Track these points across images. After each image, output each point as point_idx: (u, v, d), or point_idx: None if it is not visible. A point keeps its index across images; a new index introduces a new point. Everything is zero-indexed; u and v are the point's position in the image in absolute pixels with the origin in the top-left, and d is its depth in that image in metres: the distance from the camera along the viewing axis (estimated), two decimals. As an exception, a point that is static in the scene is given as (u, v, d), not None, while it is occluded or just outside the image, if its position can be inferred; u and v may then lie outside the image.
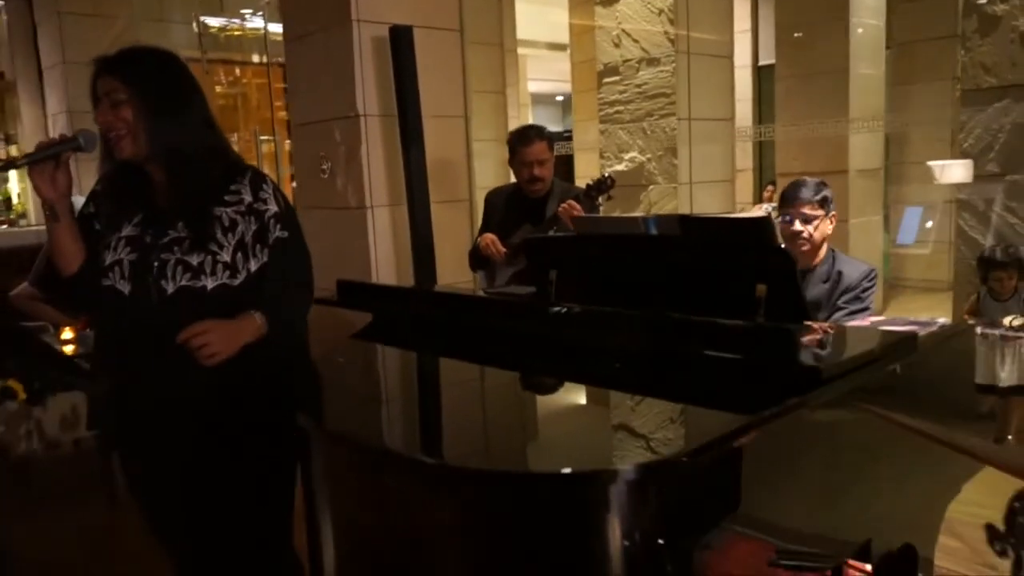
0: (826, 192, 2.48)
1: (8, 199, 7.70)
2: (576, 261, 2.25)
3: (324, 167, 3.82)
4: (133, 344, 1.74)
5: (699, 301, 1.83)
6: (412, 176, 3.54)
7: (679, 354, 1.49)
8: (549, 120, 16.91)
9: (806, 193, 2.46)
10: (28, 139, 7.67)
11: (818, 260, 2.57)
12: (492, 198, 3.46)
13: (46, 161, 1.66)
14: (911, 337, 1.50)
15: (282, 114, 6.86)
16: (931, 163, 5.50)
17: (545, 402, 1.67)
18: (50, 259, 1.75)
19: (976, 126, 3.90)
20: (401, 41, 3.46)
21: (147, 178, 1.79)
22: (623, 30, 5.28)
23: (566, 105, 15.73)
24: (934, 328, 1.76)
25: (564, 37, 11.45)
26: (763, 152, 9.44)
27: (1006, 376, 3.72)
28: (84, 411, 3.47)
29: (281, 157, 6.90)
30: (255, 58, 8.21)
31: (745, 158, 9.28)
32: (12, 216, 7.36)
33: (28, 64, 7.62)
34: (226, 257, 1.75)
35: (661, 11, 5.03)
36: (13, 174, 7.84)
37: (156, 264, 1.71)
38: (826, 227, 2.45)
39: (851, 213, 6.37)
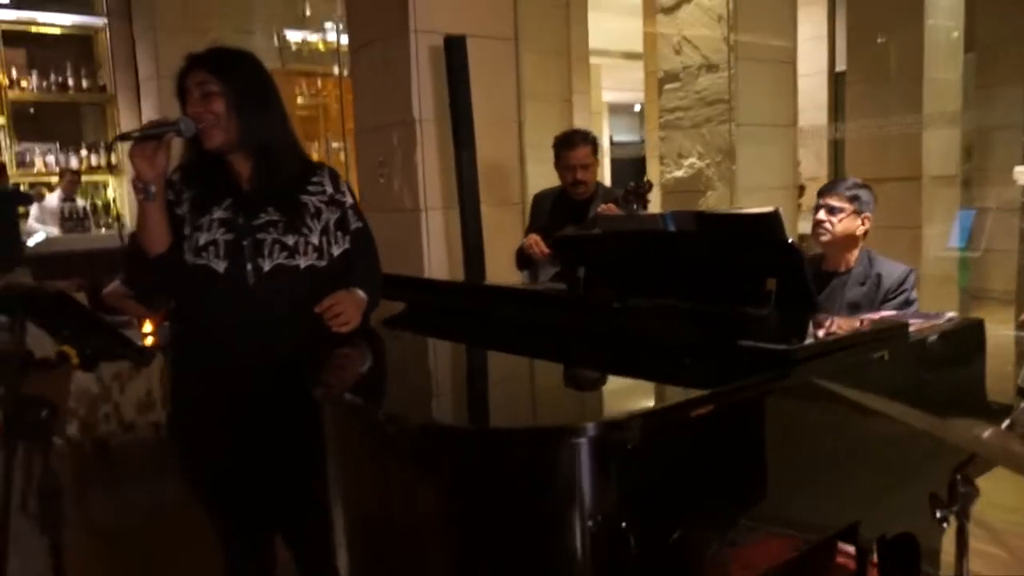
0: (861, 192, 2.50)
1: (108, 204, 8.24)
2: (602, 257, 2.35)
3: (382, 172, 4.01)
4: (225, 319, 1.89)
5: (714, 293, 1.91)
6: (464, 179, 3.69)
7: (662, 338, 1.57)
8: (626, 129, 16.86)
9: (839, 187, 2.50)
10: (125, 148, 8.21)
11: (853, 262, 2.58)
12: (539, 200, 3.58)
13: (150, 140, 1.81)
14: (901, 325, 1.53)
15: (351, 123, 7.14)
16: (1017, 168, 5.34)
17: (538, 378, 1.77)
18: (137, 246, 1.89)
19: (1040, 127, 3.78)
20: (455, 50, 3.62)
21: (228, 167, 1.96)
22: (684, 37, 5.32)
23: (643, 115, 15.71)
24: (941, 321, 1.78)
25: (639, 46, 11.48)
26: (838, 158, 9.24)
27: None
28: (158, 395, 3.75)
29: (350, 164, 7.17)
30: (335, 70, 8.58)
31: (820, 165, 9.10)
32: (110, 220, 7.88)
33: (127, 77, 8.18)
34: (315, 240, 1.94)
35: (721, 17, 5.04)
36: (111, 182, 8.41)
37: (252, 243, 1.88)
38: (852, 224, 2.46)
39: (924, 220, 6.20)
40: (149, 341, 4.02)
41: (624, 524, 1.12)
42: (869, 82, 6.42)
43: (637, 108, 16.45)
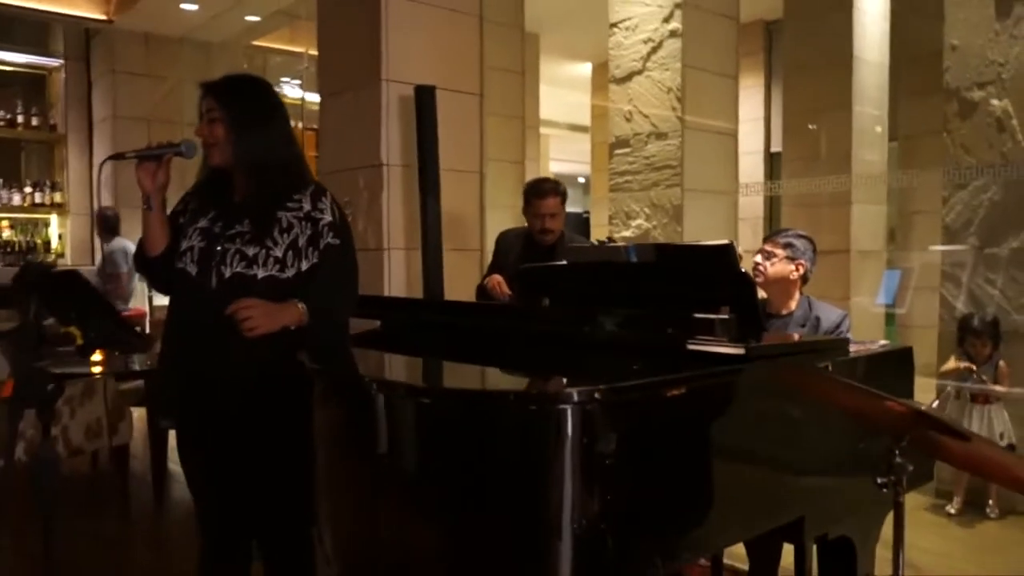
0: (796, 241, 2.72)
1: (48, 242, 8.10)
2: (565, 289, 2.51)
3: (348, 212, 4.13)
4: (193, 319, 2.03)
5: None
6: (428, 222, 3.83)
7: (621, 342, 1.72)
8: (571, 200, 17.34)
9: (778, 236, 2.72)
10: (74, 187, 8.14)
11: (794, 306, 2.79)
12: (503, 239, 3.72)
13: (151, 160, 1.99)
14: (843, 341, 1.72)
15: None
16: (933, 248, 5.74)
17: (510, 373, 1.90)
18: (141, 248, 2.09)
19: (957, 203, 4.15)
20: (424, 99, 3.81)
21: (230, 182, 2.11)
22: (634, 106, 5.65)
23: (587, 187, 16.17)
24: (875, 346, 1.97)
25: (586, 119, 11.97)
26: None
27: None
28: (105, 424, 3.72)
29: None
30: (292, 123, 8.73)
31: (756, 240, 9.54)
32: (52, 258, 7.76)
33: (80, 118, 8.16)
34: (278, 253, 2.04)
35: (670, 90, 5.40)
36: (54, 220, 8.29)
37: (219, 252, 2.01)
38: (785, 268, 2.67)
39: (852, 291, 6.59)
40: (97, 370, 4.00)
41: (598, 476, 1.25)
42: (802, 160, 6.89)
43: (582, 180, 16.99)
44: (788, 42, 7.77)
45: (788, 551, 2.66)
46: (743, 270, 2.01)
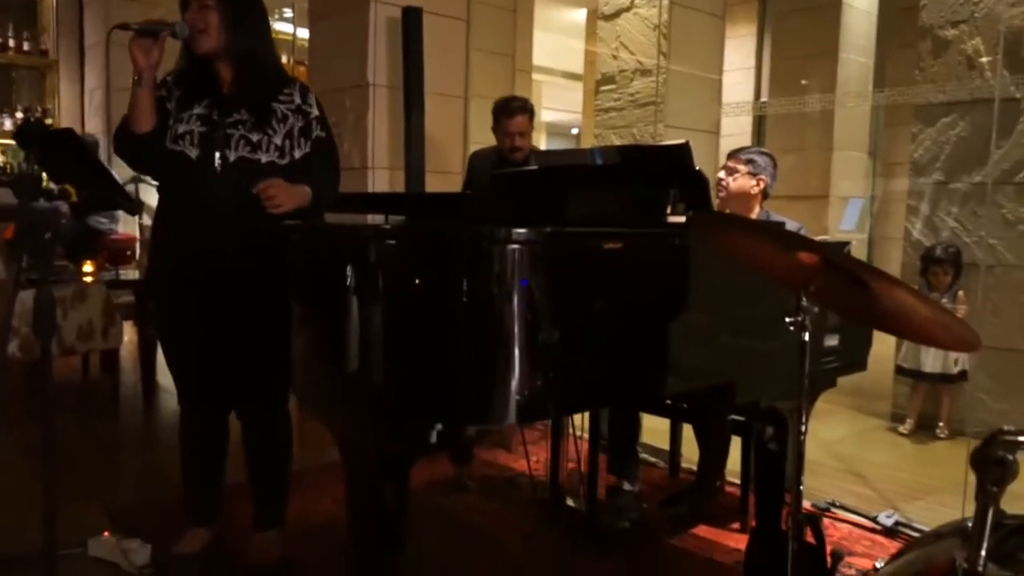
0: (757, 157, 2.85)
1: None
2: (536, 194, 2.64)
3: (335, 132, 4.23)
4: (195, 199, 2.15)
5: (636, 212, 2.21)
6: (411, 141, 3.95)
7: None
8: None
9: (740, 152, 2.85)
10: (64, 115, 8.15)
11: (753, 216, 2.93)
12: (474, 158, 3.83)
13: (147, 35, 2.07)
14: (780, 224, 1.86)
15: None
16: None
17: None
18: (126, 124, 2.17)
19: (926, 138, 4.27)
20: (411, 20, 3.89)
21: (214, 73, 2.21)
22: (621, 43, 5.72)
23: (580, 139, 16.13)
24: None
25: (580, 67, 11.94)
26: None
27: (930, 363, 4.08)
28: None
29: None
30: (283, 59, 8.73)
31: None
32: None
33: (71, 44, 8.15)
34: (278, 141, 2.19)
35: (656, 27, 5.47)
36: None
37: (221, 136, 2.13)
38: (747, 182, 2.81)
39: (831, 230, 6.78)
40: (89, 280, 4.14)
41: (540, 307, 1.42)
42: (787, 114, 7.02)
43: (575, 132, 16.96)
44: (779, -13, 7.82)
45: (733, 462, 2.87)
46: (698, 168, 2.15)
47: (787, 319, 1.38)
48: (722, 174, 2.85)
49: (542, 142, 15.14)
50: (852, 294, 1.43)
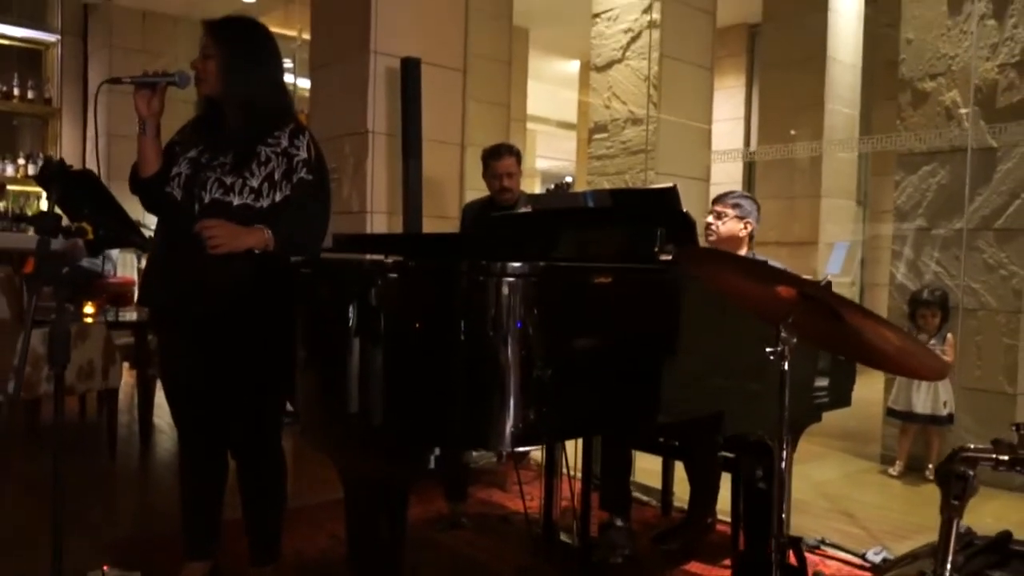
0: (743, 202, 2.95)
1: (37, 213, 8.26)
2: (529, 236, 2.73)
3: (333, 177, 4.35)
4: (177, 239, 2.23)
5: (626, 251, 2.30)
6: (409, 187, 4.06)
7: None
8: (556, 197, 17.52)
9: (726, 197, 2.95)
10: (66, 160, 8.29)
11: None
12: (468, 209, 3.94)
13: (147, 87, 2.18)
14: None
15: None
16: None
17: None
18: (135, 169, 2.29)
19: (908, 186, 4.41)
20: (410, 70, 4.04)
21: (221, 118, 2.30)
22: (613, 93, 5.90)
23: (574, 187, 16.29)
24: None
25: (574, 117, 12.19)
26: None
27: (921, 404, 4.15)
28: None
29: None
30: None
31: (732, 234, 9.79)
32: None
33: (75, 92, 8.34)
34: (254, 183, 2.24)
35: (647, 78, 5.66)
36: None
37: (201, 179, 2.22)
38: (735, 226, 2.90)
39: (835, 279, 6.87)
40: (90, 320, 4.21)
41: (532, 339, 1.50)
42: (775, 161, 7.19)
43: (568, 179, 17.18)
44: (766, 42, 8.06)
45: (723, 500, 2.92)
46: (685, 210, 2.25)
47: (768, 349, 1.46)
48: (710, 218, 2.95)
49: (536, 189, 15.36)
50: (828, 326, 1.52)
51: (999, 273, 4.08)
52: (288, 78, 8.76)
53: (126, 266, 7.09)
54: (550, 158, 14.92)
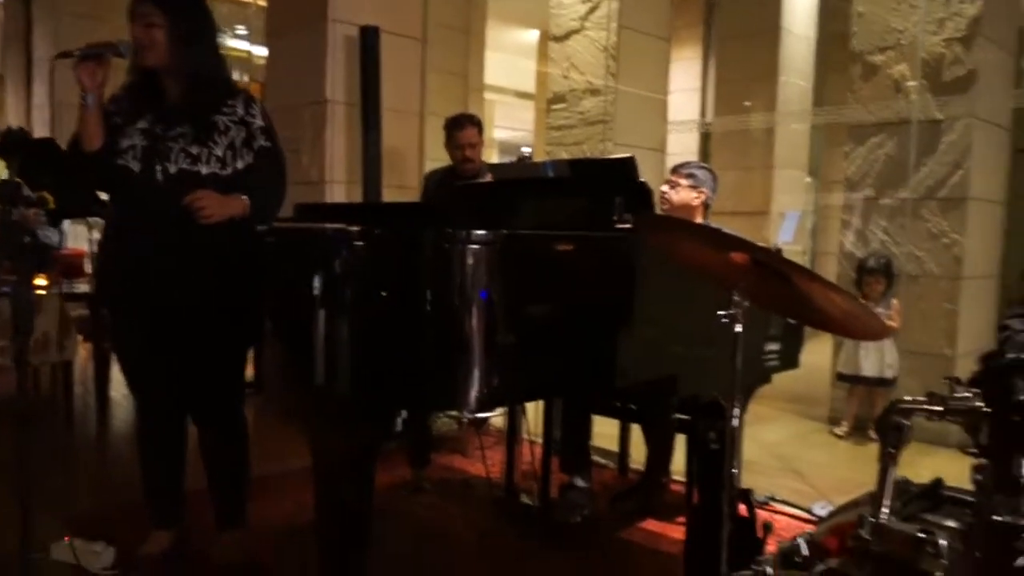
0: (697, 171, 3.02)
1: None
2: (491, 205, 2.77)
3: (291, 147, 4.31)
4: (139, 211, 2.21)
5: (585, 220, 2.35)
6: (368, 157, 4.06)
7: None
8: (515, 169, 17.51)
9: (681, 168, 3.02)
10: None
11: (696, 227, 3.11)
12: (430, 177, 3.96)
13: (92, 58, 2.11)
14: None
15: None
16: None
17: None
18: (75, 145, 2.21)
19: (857, 157, 4.54)
20: (369, 39, 4.02)
21: (160, 87, 2.27)
22: (572, 64, 5.93)
23: (532, 158, 16.23)
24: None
25: (533, 86, 12.17)
26: (705, 200, 10.12)
27: (868, 368, 4.30)
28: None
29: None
30: (235, 76, 8.75)
31: (688, 205, 9.93)
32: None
33: (18, 59, 8.07)
34: (219, 152, 2.24)
35: (605, 48, 5.69)
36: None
37: (163, 150, 2.20)
38: (688, 195, 2.97)
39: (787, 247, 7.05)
40: (42, 293, 4.14)
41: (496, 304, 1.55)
42: (731, 132, 7.32)
43: (526, 151, 17.17)
44: (722, 14, 8.14)
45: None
46: (642, 179, 2.31)
47: (720, 313, 1.53)
48: (664, 187, 3.01)
49: (494, 159, 15.33)
50: (779, 290, 1.59)
51: (942, 241, 4.24)
52: (243, 44, 8.62)
53: (78, 237, 6.94)
54: (508, 128, 14.87)
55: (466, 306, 1.54)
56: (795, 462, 3.85)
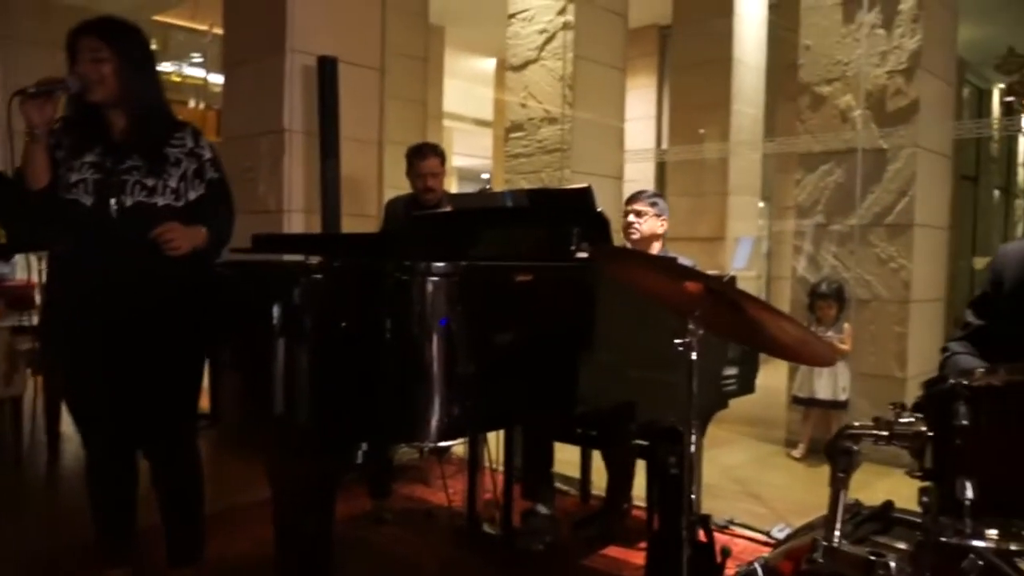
0: (658, 200, 3.09)
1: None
2: (451, 234, 2.79)
3: (249, 176, 4.29)
4: (91, 247, 2.18)
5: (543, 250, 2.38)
6: (327, 186, 4.05)
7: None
8: (474, 195, 17.56)
9: (641, 196, 3.08)
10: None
11: (654, 252, 3.16)
12: (391, 205, 3.97)
13: (40, 96, 2.10)
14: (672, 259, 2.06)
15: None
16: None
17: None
18: (21, 181, 2.17)
19: (808, 184, 4.67)
20: (327, 69, 4.03)
21: (104, 120, 2.26)
22: (529, 93, 6.00)
23: (491, 184, 16.35)
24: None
25: (490, 114, 12.27)
26: (662, 226, 10.28)
27: (822, 391, 4.39)
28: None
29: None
30: (191, 103, 8.69)
31: (645, 230, 10.06)
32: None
33: (-33, 86, 7.90)
34: (173, 184, 2.26)
35: (562, 78, 5.78)
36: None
37: (117, 183, 2.18)
38: (654, 224, 3.04)
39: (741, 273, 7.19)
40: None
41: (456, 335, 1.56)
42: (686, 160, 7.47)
43: (485, 176, 17.26)
44: (675, 44, 8.33)
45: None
46: (600, 209, 2.35)
47: (676, 341, 1.56)
48: (631, 218, 3.06)
49: (453, 187, 15.39)
50: (733, 318, 1.63)
51: (890, 266, 4.37)
52: (199, 72, 8.55)
53: (26, 268, 6.78)
54: (467, 155, 14.96)
55: (426, 337, 1.55)
56: (753, 485, 3.90)
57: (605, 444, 2.95)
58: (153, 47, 2.54)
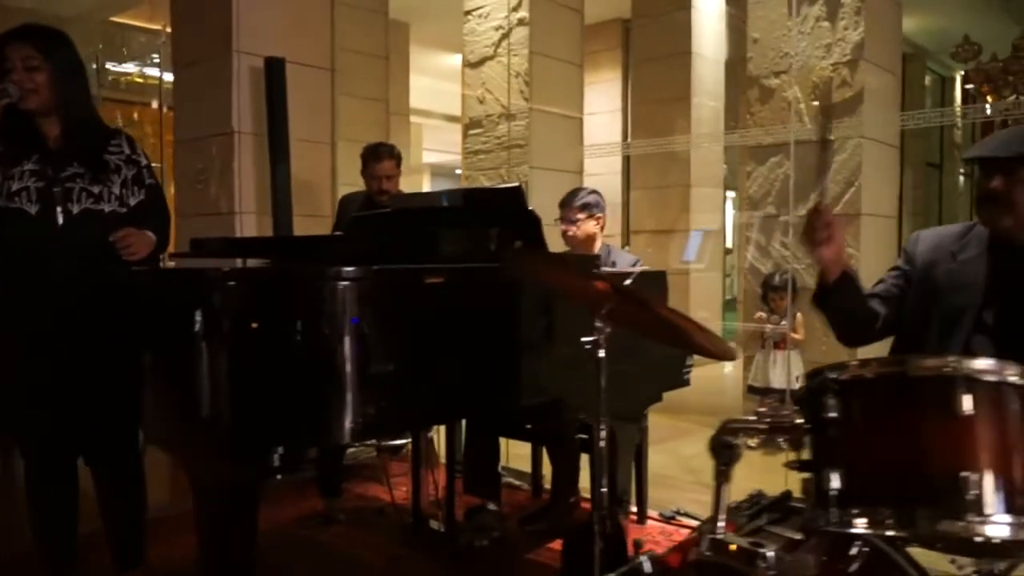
0: (589, 199, 3.12)
1: None
2: (392, 234, 2.80)
3: (200, 179, 4.28)
4: (36, 255, 2.19)
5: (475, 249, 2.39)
6: (277, 187, 4.05)
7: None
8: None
9: (573, 201, 3.11)
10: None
11: (596, 251, 3.19)
12: (345, 201, 3.98)
13: None
14: (595, 256, 2.10)
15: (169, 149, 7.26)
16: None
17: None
18: None
19: (759, 176, 4.73)
20: (274, 70, 4.02)
21: (37, 129, 2.27)
22: (487, 89, 6.02)
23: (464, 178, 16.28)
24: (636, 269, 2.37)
25: (459, 110, 12.25)
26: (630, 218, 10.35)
27: (776, 380, 4.45)
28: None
29: (167, 178, 7.24)
30: (154, 104, 8.63)
31: (614, 221, 10.13)
32: None
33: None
34: (116, 191, 2.30)
35: (519, 74, 5.80)
36: None
37: (61, 191, 2.19)
38: (589, 226, 3.07)
39: (692, 268, 7.25)
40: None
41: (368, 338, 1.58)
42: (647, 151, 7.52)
43: (459, 172, 17.22)
44: (636, 38, 8.37)
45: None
46: (530, 208, 2.37)
47: (583, 339, 1.59)
48: (564, 226, 3.08)
49: (425, 183, 15.36)
50: (641, 315, 1.67)
51: (839, 255, 4.42)
52: (155, 72, 8.49)
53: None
54: (438, 151, 14.93)
55: (337, 338, 1.57)
56: (706, 475, 3.93)
57: (545, 439, 2.98)
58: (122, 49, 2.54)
